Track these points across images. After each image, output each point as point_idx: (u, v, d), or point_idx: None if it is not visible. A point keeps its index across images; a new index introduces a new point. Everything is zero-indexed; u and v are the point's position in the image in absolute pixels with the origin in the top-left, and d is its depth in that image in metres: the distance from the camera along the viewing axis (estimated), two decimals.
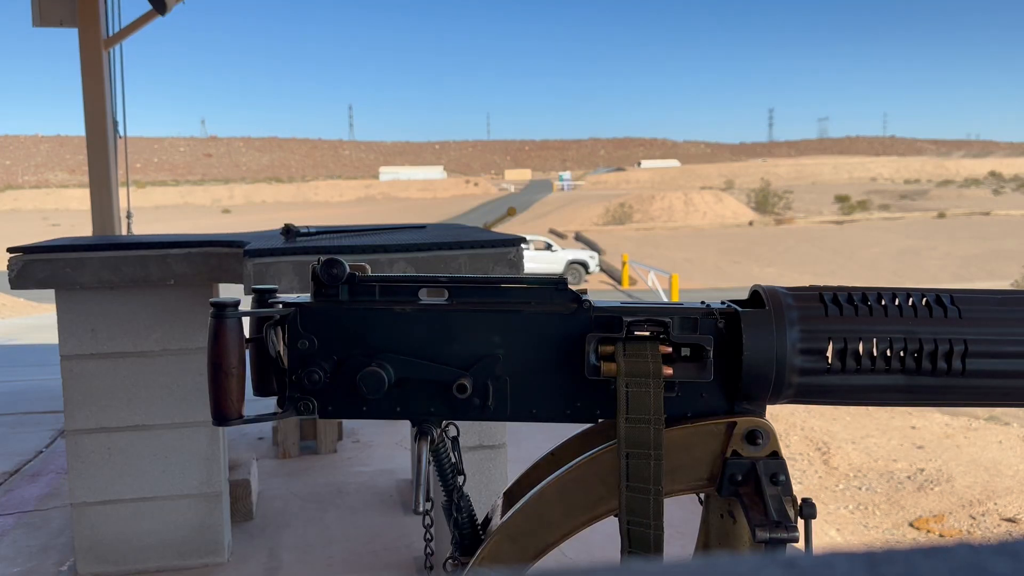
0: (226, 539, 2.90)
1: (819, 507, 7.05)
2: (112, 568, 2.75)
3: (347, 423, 4.55)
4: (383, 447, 4.36)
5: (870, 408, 8.93)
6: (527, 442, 3.75)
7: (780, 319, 0.91)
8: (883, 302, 0.92)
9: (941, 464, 7.64)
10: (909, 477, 7.43)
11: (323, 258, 0.98)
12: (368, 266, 1.01)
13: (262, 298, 1.00)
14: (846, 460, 7.92)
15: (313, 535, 3.22)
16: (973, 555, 0.24)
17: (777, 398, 0.94)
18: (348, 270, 0.98)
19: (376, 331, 0.97)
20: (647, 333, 0.95)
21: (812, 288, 0.94)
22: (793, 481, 0.91)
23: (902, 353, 0.90)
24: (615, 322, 0.95)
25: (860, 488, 7.31)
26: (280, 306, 0.99)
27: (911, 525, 6.48)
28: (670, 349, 0.94)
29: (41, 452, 4.31)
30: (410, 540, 3.13)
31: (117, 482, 2.73)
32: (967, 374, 0.90)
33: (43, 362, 6.34)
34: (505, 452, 2.82)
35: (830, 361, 0.91)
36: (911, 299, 0.92)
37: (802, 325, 0.91)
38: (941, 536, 6.17)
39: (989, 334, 0.90)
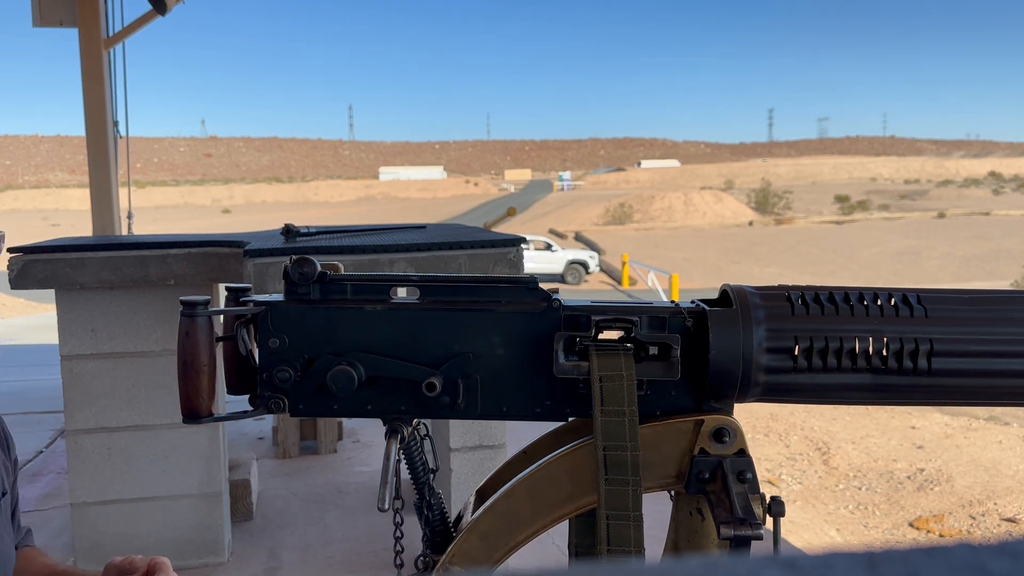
0: (226, 539, 2.90)
1: (819, 507, 7.07)
2: None
3: (347, 423, 4.55)
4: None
5: (870, 408, 8.93)
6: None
7: (747, 318, 0.92)
8: (850, 302, 0.93)
9: (941, 464, 7.64)
10: (909, 477, 7.43)
11: (295, 257, 0.98)
12: (341, 265, 1.01)
13: (235, 297, 1.01)
14: (846, 460, 7.92)
15: (313, 535, 3.22)
16: (973, 555, 0.24)
17: (744, 396, 0.95)
18: (319, 269, 0.98)
19: (347, 330, 0.98)
20: (616, 332, 0.96)
21: (780, 287, 0.96)
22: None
23: (869, 352, 0.91)
24: (584, 321, 0.96)
25: (860, 488, 7.31)
26: (251, 304, 0.99)
27: (911, 525, 6.49)
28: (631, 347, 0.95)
29: (41, 452, 4.31)
30: (410, 540, 3.13)
31: (117, 482, 2.73)
32: (933, 373, 0.91)
33: (43, 362, 6.34)
34: (505, 452, 2.83)
35: (797, 360, 0.92)
36: (878, 299, 0.92)
37: (768, 324, 0.92)
38: (941, 536, 6.17)
39: (955, 333, 0.91)
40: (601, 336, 0.97)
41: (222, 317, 1.03)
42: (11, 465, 1.31)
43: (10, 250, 2.69)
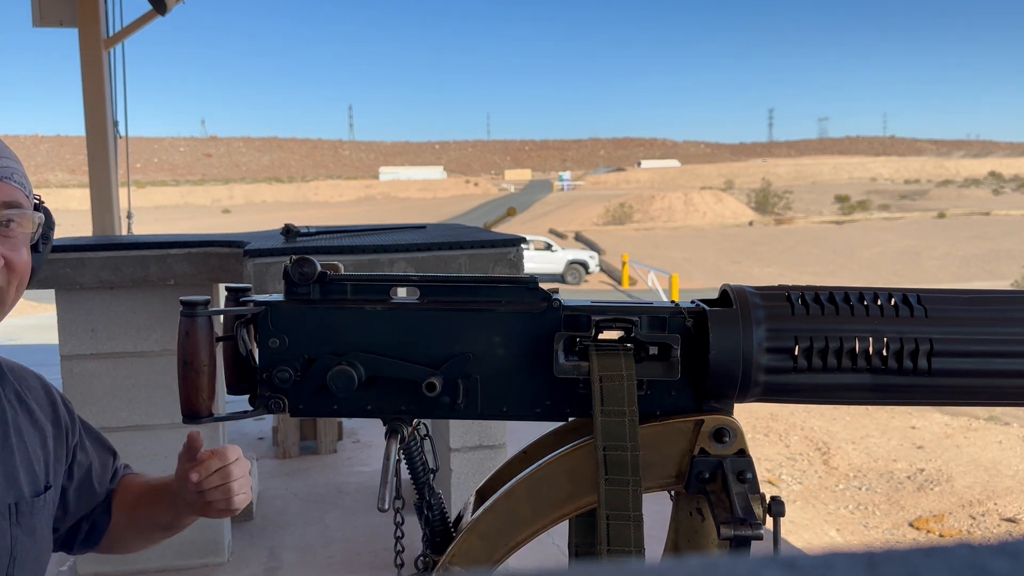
0: (226, 539, 2.90)
1: (819, 507, 7.07)
2: (112, 568, 2.75)
3: (347, 423, 4.55)
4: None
5: (870, 408, 8.94)
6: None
7: (747, 318, 0.92)
8: (850, 302, 0.93)
9: (941, 464, 7.64)
10: (909, 477, 7.43)
11: (295, 257, 0.98)
12: (341, 265, 1.01)
13: (235, 297, 1.01)
14: (846, 460, 7.93)
15: (313, 535, 3.22)
16: (973, 555, 0.24)
17: (744, 396, 0.95)
18: (319, 269, 0.98)
19: (347, 329, 0.98)
20: (616, 332, 0.96)
21: (779, 287, 0.96)
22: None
23: (869, 352, 0.91)
24: (584, 321, 0.96)
25: (860, 488, 7.31)
26: (251, 304, 0.99)
27: (911, 525, 6.49)
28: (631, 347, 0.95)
29: None
30: (410, 540, 3.13)
31: None
32: (933, 373, 0.91)
33: (43, 362, 6.34)
34: (505, 452, 2.83)
35: (797, 360, 0.92)
36: (878, 299, 0.93)
37: (768, 324, 0.92)
38: (941, 536, 6.17)
39: (955, 333, 0.91)
40: (601, 336, 0.97)
41: (222, 317, 1.03)
42: (63, 451, 1.33)
43: None
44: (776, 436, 8.68)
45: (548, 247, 27.19)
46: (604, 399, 0.91)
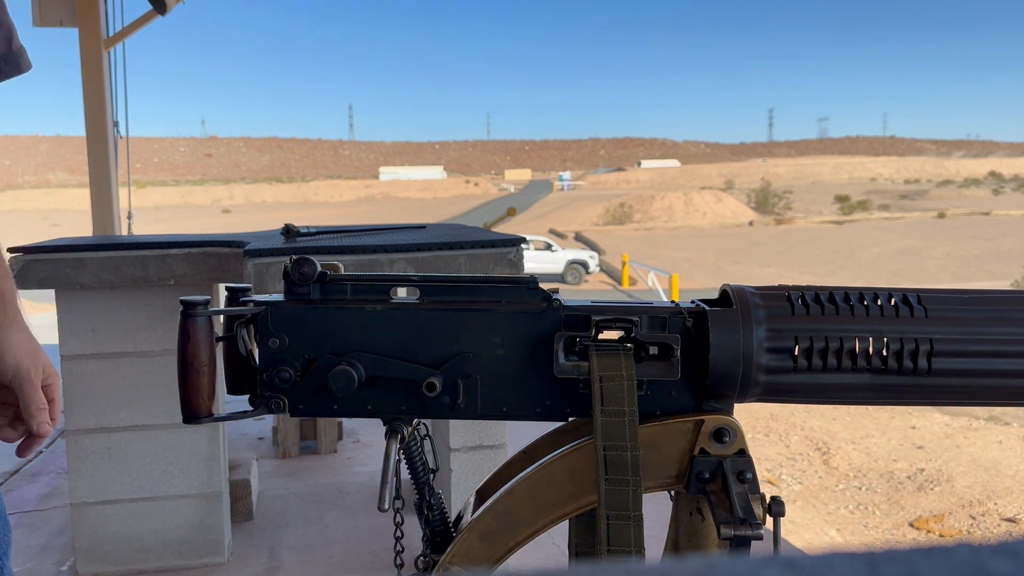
0: (226, 539, 2.90)
1: (819, 507, 7.07)
2: (112, 568, 2.75)
3: (347, 423, 4.55)
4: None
5: (870, 408, 8.94)
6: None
7: (747, 318, 0.92)
8: (850, 302, 0.93)
9: (941, 464, 7.64)
10: (909, 477, 7.43)
11: (295, 256, 0.98)
12: (341, 265, 1.01)
13: (235, 297, 1.01)
14: (846, 460, 7.93)
15: (313, 535, 3.22)
16: (973, 555, 0.24)
17: (744, 396, 0.95)
18: (319, 268, 0.98)
19: (347, 329, 0.98)
20: (616, 332, 0.97)
21: (780, 287, 0.96)
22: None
23: (869, 352, 0.91)
24: (584, 321, 0.96)
25: (860, 488, 7.31)
26: (251, 304, 0.99)
27: (911, 525, 6.49)
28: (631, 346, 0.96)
29: (41, 452, 4.31)
30: (410, 540, 3.13)
31: (117, 482, 2.73)
32: (933, 373, 0.91)
33: None
34: (505, 452, 2.82)
35: (797, 360, 0.92)
36: (879, 299, 0.93)
37: (769, 324, 0.92)
38: (941, 536, 6.17)
39: (955, 333, 0.91)
40: (601, 336, 0.97)
41: (222, 317, 1.03)
42: None
43: (10, 250, 2.68)
44: (776, 436, 8.68)
45: (548, 247, 27.18)
46: (604, 399, 0.91)
